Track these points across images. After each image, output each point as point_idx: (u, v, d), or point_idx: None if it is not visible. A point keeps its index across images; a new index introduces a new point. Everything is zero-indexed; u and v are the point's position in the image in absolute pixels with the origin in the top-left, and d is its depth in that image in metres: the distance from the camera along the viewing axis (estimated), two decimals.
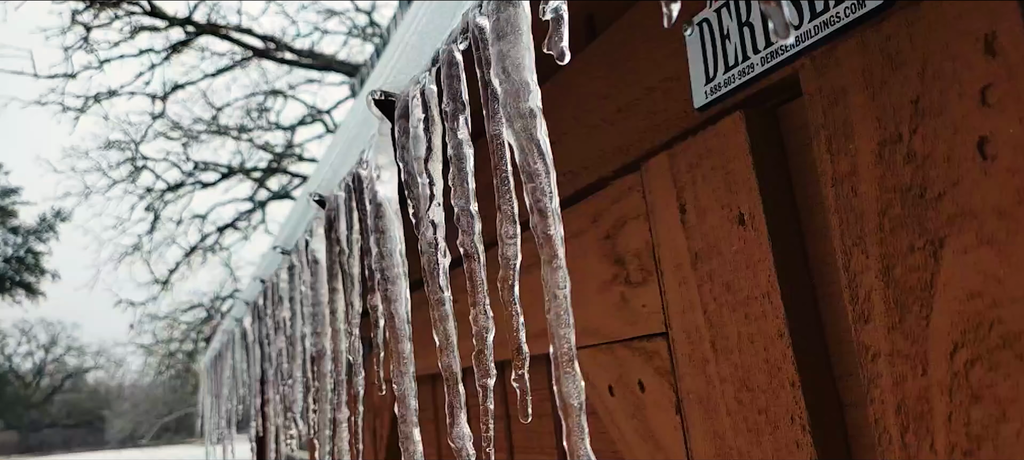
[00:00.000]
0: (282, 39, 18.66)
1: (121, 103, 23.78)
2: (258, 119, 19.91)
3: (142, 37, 17.80)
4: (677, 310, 0.95)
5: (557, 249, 0.63)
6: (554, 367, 0.62)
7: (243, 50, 18.59)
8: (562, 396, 0.61)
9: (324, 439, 1.49)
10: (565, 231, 1.23)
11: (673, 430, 0.97)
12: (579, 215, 1.20)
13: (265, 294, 2.50)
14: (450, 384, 0.91)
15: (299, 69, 19.53)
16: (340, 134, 1.65)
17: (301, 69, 19.30)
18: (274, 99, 19.92)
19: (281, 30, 22.93)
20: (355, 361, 1.30)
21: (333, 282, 1.46)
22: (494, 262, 0.74)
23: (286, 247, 2.07)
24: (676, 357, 0.96)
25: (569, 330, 0.62)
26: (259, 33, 18.38)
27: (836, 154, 0.70)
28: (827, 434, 0.76)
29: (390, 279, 1.06)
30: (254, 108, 19.82)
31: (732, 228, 0.85)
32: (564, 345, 0.62)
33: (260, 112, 19.88)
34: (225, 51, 18.74)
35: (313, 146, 20.42)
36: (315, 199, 1.52)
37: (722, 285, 0.87)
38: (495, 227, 1.44)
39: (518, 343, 0.72)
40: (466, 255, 0.82)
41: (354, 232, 1.33)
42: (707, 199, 0.89)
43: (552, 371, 0.62)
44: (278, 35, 18.79)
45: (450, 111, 0.86)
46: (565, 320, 0.62)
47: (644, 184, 1.02)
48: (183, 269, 20.31)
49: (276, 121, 20.52)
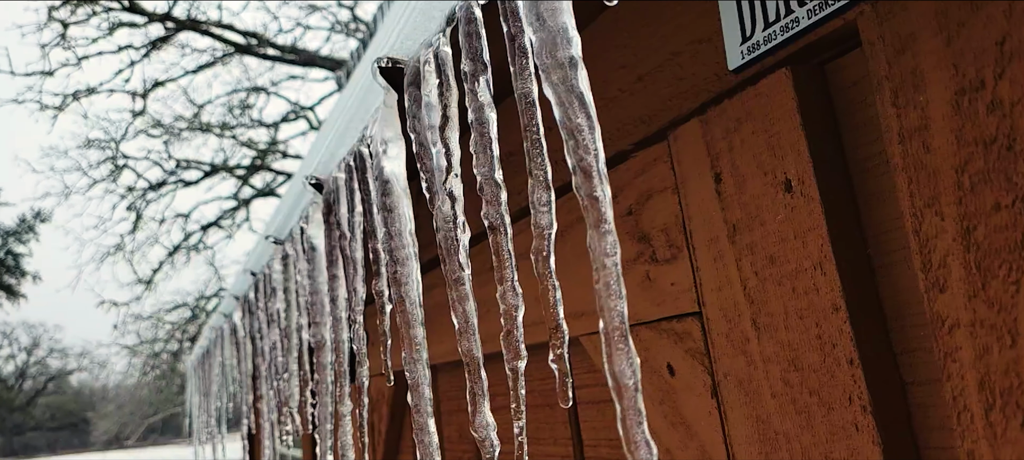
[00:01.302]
0: (264, 35, 18.43)
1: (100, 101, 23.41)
2: (240, 116, 19.68)
3: (121, 33, 17.55)
4: (712, 287, 0.88)
5: (605, 211, 0.56)
6: (605, 344, 0.55)
7: (224, 46, 18.36)
8: (615, 376, 0.55)
9: (325, 434, 1.42)
10: (577, 212, 1.16)
11: (708, 415, 0.91)
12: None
13: (257, 287, 2.42)
14: (471, 369, 0.84)
15: (281, 65, 19.32)
16: (336, 114, 1.57)
17: (283, 65, 19.09)
18: (256, 96, 19.69)
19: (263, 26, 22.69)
20: (359, 350, 1.23)
21: (333, 269, 1.39)
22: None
23: (279, 236, 1.99)
24: (711, 337, 0.89)
25: (621, 301, 0.55)
26: (240, 29, 18.16)
27: (903, 107, 0.64)
28: (890, 415, 0.69)
29: (399, 261, 0.99)
30: (236, 105, 19.59)
31: (777, 195, 0.78)
32: (615, 319, 0.55)
33: (242, 109, 19.65)
34: (206, 47, 18.48)
35: (297, 143, 20.22)
36: (311, 183, 1.44)
37: (765, 258, 0.80)
38: (518, 198, 1.35)
39: (556, 319, 0.65)
40: (491, 227, 0.75)
41: (356, 215, 1.26)
42: (747, 166, 0.82)
43: (603, 348, 0.55)
44: (260, 31, 18.56)
45: (470, 72, 0.79)
46: (616, 290, 0.55)
47: (673, 154, 0.95)
48: (167, 268, 20.07)
49: (259, 118, 20.29)
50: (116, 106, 43.63)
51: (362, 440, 1.22)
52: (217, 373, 3.57)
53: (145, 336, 23.24)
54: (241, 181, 19.90)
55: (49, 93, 19.75)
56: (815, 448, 0.75)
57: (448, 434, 1.92)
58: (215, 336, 3.71)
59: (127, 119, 19.03)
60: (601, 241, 0.57)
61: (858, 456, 0.70)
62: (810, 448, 0.76)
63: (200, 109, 19.32)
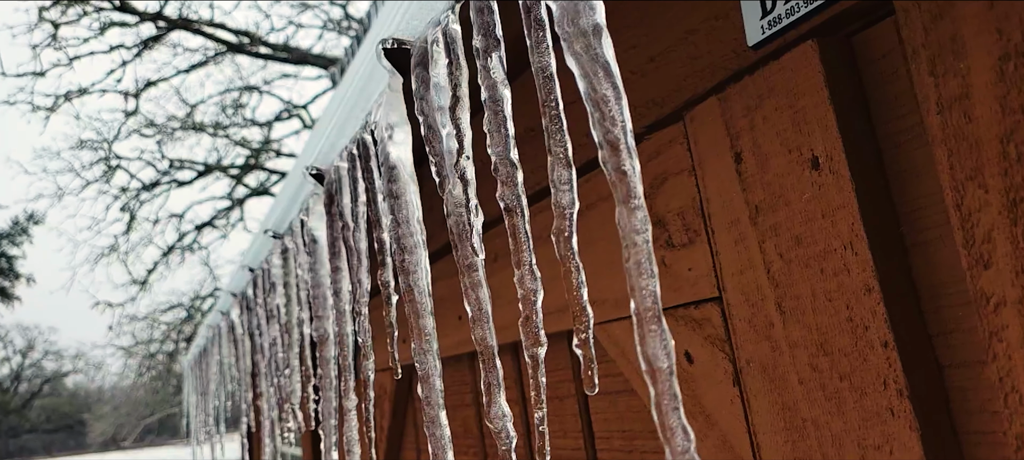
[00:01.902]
0: (256, 33, 18.33)
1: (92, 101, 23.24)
2: (233, 115, 19.58)
3: (112, 33, 17.46)
4: (733, 271, 0.85)
5: (635, 186, 0.53)
6: (637, 326, 0.52)
7: (216, 45, 18.25)
8: (648, 359, 0.51)
9: (329, 429, 1.38)
10: (589, 198, 1.13)
11: (729, 403, 0.88)
12: (605, 180, 1.10)
13: (255, 283, 2.38)
14: (485, 358, 0.80)
15: (274, 63, 19.22)
16: (336, 104, 1.54)
17: (276, 63, 19.00)
18: (249, 95, 19.60)
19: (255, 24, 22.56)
20: (364, 344, 1.19)
21: (335, 261, 1.35)
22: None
23: (278, 230, 1.96)
24: (732, 323, 0.86)
25: (653, 280, 0.52)
26: (232, 27, 18.05)
27: (942, 76, 0.61)
28: (928, 399, 0.67)
29: (407, 249, 0.96)
30: (229, 104, 19.49)
31: (803, 173, 0.75)
32: (648, 299, 0.52)
33: (235, 108, 19.55)
34: (198, 47, 18.39)
35: (291, 141, 20.15)
36: (312, 173, 1.41)
37: (790, 239, 0.77)
38: (529, 180, 1.30)
39: (581, 302, 0.62)
40: (507, 209, 0.72)
41: (359, 204, 1.22)
42: (770, 144, 0.79)
43: (635, 331, 0.52)
44: (252, 29, 18.46)
45: (482, 49, 0.76)
46: (648, 269, 0.52)
47: (689, 135, 0.92)
48: (161, 269, 19.98)
49: (252, 118, 20.19)
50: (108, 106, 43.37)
51: (368, 435, 1.19)
52: (215, 372, 3.53)
53: (140, 337, 23.14)
54: (235, 180, 19.81)
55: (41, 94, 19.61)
56: (846, 435, 0.72)
57: (452, 429, 1.88)
58: (212, 334, 3.67)
59: (119, 119, 18.92)
60: (631, 217, 0.54)
61: (894, 442, 0.67)
62: (841, 435, 0.73)
63: (193, 109, 19.22)
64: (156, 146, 19.36)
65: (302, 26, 21.15)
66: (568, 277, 0.63)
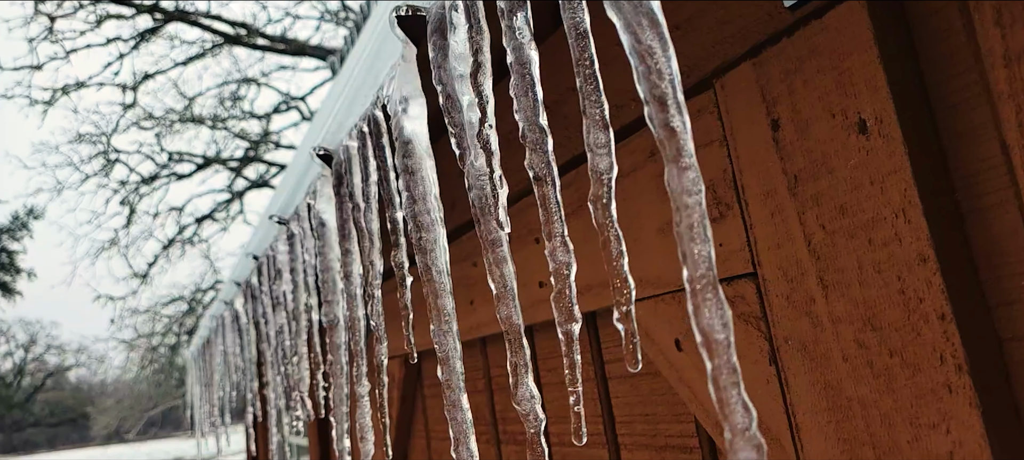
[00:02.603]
0: (253, 25, 18.23)
1: (90, 95, 23.16)
2: (232, 108, 19.50)
3: (109, 26, 17.39)
4: (770, 244, 0.81)
5: (685, 143, 0.49)
6: (691, 296, 0.48)
7: (214, 37, 18.15)
8: (704, 331, 0.47)
9: (341, 416, 1.35)
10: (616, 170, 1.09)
11: (765, 384, 0.84)
12: (630, 152, 1.06)
13: (260, 270, 2.34)
14: (512, 338, 0.76)
15: (271, 55, 19.14)
16: (342, 83, 1.49)
17: (274, 54, 18.90)
18: (247, 87, 19.52)
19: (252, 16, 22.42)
20: (378, 328, 1.15)
21: (346, 243, 1.31)
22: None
23: (283, 216, 1.91)
24: (769, 299, 0.82)
25: (707, 244, 0.48)
26: (229, 19, 17.95)
27: (1008, 28, 0.57)
28: (988, 374, 0.63)
29: (424, 227, 0.91)
30: (227, 97, 19.41)
31: (849, 138, 0.71)
32: (702, 265, 0.48)
33: (233, 101, 19.47)
34: (195, 39, 18.29)
35: (290, 133, 20.08)
36: (319, 154, 1.36)
37: (834, 209, 0.73)
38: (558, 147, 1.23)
39: (621, 273, 0.58)
40: (537, 178, 0.68)
41: (371, 184, 1.18)
42: (811, 108, 0.75)
43: (689, 301, 0.48)
44: (249, 21, 18.36)
45: (506, 8, 0.71)
46: (701, 233, 0.48)
47: (719, 103, 0.88)
48: (162, 262, 19.96)
49: (250, 110, 20.10)
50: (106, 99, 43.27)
51: (383, 421, 1.15)
52: (219, 362, 3.50)
53: (142, 330, 23.13)
54: (234, 173, 19.75)
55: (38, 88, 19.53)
56: (897, 413, 0.68)
57: None
58: (216, 325, 3.63)
59: (118, 113, 18.84)
60: (681, 177, 0.49)
61: (951, 420, 0.63)
62: (891, 414, 0.69)
63: (191, 102, 19.14)
64: (155, 139, 19.30)
65: (299, 17, 21.03)
66: (607, 246, 0.59)
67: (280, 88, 23.30)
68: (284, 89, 21.61)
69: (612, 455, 1.22)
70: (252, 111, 19.82)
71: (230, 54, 19.81)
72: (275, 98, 19.64)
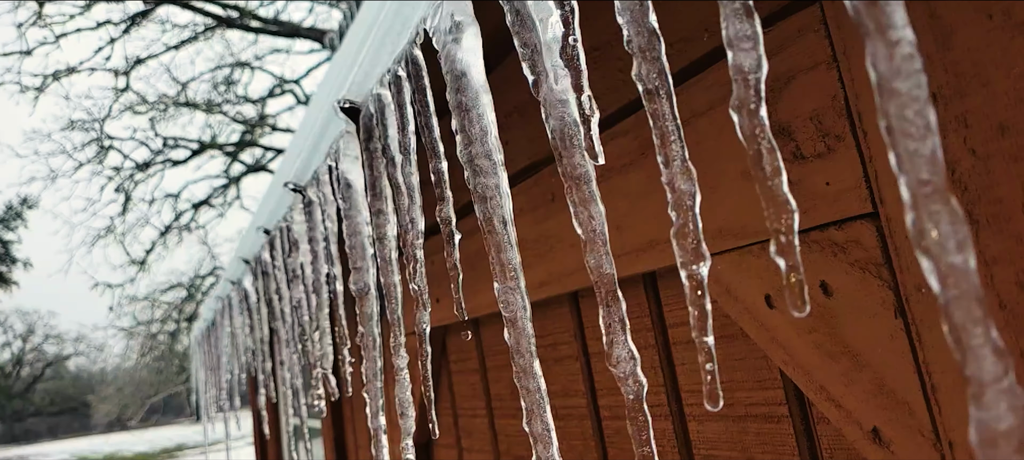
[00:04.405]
0: (246, 7, 17.95)
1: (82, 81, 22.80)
2: (226, 93, 19.26)
3: (98, 9, 17.09)
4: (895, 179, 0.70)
5: None
6: (914, 205, 0.36)
7: (205, 19, 17.88)
8: (929, 250, 0.36)
9: (375, 392, 1.24)
10: (684, 112, 0.97)
11: (888, 339, 0.73)
12: (705, 88, 0.94)
13: (272, 244, 2.22)
14: (605, 291, 0.65)
15: (265, 37, 18.87)
16: (365, 29, 1.37)
17: (267, 36, 18.65)
18: (241, 71, 19.27)
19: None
20: (421, 293, 1.04)
21: (377, 203, 1.19)
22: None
23: (299, 182, 1.79)
24: (895, 242, 0.71)
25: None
26: (221, 1, 17.67)
27: None
28: None
29: (483, 171, 0.80)
30: (221, 82, 19.16)
31: (1011, 43, 0.59)
32: (923, 169, 0.36)
33: (227, 85, 19.23)
34: (187, 22, 18.01)
35: (286, 117, 19.88)
36: (344, 108, 1.24)
37: (990, 129, 0.62)
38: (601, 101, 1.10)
39: (781, 194, 0.46)
40: (647, 92, 0.56)
41: (408, 134, 1.06)
42: (958, 11, 0.63)
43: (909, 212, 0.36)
44: (241, 4, 18.07)
45: None
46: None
47: (828, 19, 0.76)
48: (160, 249, 19.81)
49: (244, 94, 19.88)
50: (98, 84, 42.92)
51: (426, 394, 1.04)
52: (226, 344, 3.39)
53: (141, 318, 23.02)
54: (230, 158, 19.55)
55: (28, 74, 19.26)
56: None
57: (497, 392, 1.74)
58: (222, 306, 3.51)
59: (110, 98, 18.61)
60: None
61: None
62: None
63: (184, 87, 18.90)
64: (149, 124, 19.08)
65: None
66: (759, 162, 0.47)
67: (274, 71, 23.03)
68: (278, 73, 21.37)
69: (677, 428, 1.11)
70: (246, 96, 19.59)
71: (222, 38, 19.56)
72: (269, 82, 19.39)
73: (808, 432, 0.90)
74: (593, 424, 1.34)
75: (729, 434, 1.02)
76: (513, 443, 1.66)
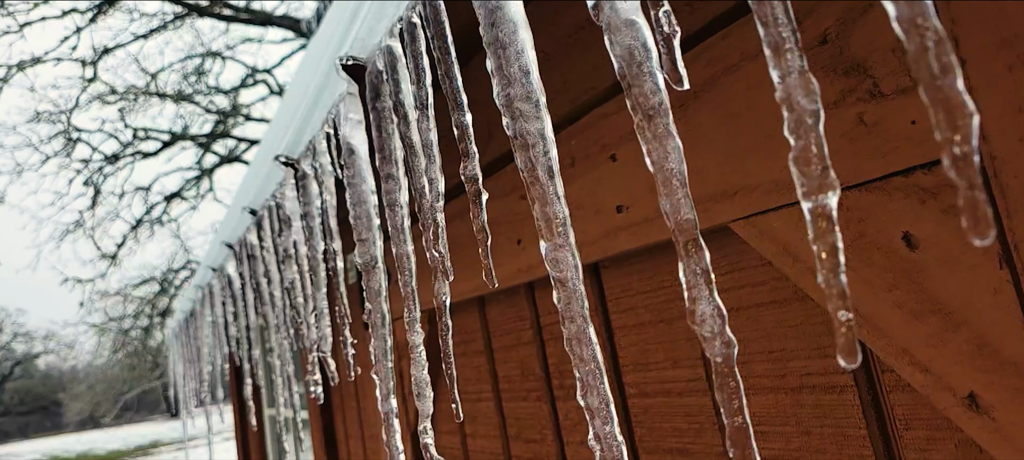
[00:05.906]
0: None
1: (47, 71, 22.16)
2: (197, 84, 18.85)
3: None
4: (1004, 110, 0.62)
5: None
6: None
7: (174, 7, 17.45)
8: None
9: (386, 373, 1.15)
10: (734, 56, 0.88)
11: (991, 293, 0.65)
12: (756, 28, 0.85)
13: (259, 225, 2.11)
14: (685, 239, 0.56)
15: (236, 25, 18.50)
16: None
17: (239, 24, 18.27)
18: (212, 61, 18.87)
19: None
20: (444, 259, 0.95)
21: (387, 167, 1.09)
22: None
23: (291, 155, 1.68)
24: (1000, 182, 0.63)
25: None
26: None
27: None
28: None
29: (523, 115, 0.71)
30: (191, 72, 18.75)
31: None
32: None
33: (198, 76, 18.82)
34: (155, 11, 17.57)
35: (260, 107, 19.55)
36: (345, 66, 1.15)
37: None
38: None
39: (959, 98, 0.37)
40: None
41: (424, 87, 0.97)
42: None
43: None
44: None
45: None
46: None
47: None
48: (131, 243, 19.39)
49: (216, 84, 19.48)
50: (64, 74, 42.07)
51: (449, 372, 0.95)
52: (207, 334, 3.26)
53: (113, 313, 22.55)
54: (203, 149, 19.18)
55: None
56: None
57: (506, 373, 1.65)
58: (202, 295, 3.38)
59: (77, 89, 18.14)
60: None
61: None
62: None
63: (153, 77, 18.47)
64: (118, 115, 18.62)
65: None
66: (923, 55, 0.38)
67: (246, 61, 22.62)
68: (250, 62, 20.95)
69: (718, 402, 1.03)
70: (218, 86, 19.21)
71: (192, 27, 19.11)
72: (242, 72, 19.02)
73: (875, 403, 0.82)
74: (619, 402, 1.25)
75: (780, 408, 0.94)
76: (524, 427, 1.57)
